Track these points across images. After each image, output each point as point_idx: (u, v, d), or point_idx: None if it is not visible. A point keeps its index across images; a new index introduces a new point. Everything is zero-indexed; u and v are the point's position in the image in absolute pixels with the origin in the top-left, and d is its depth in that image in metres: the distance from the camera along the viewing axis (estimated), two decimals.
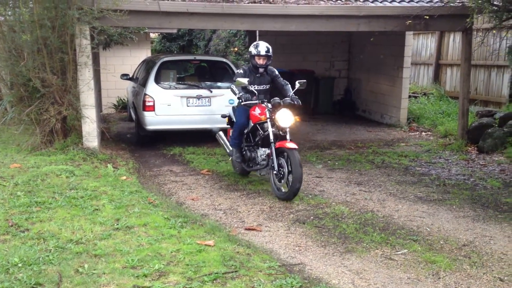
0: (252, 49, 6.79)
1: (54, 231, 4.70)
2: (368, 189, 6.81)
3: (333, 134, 10.66)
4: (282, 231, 5.26)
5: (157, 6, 7.96)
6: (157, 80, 9.26)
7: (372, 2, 9.19)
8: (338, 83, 13.49)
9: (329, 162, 8.26)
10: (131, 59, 14.58)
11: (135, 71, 11.47)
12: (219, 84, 9.52)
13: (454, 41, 12.88)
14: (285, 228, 5.34)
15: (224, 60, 10.26)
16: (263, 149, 6.63)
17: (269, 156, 6.46)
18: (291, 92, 6.69)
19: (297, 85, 6.66)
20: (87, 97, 7.89)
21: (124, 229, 4.81)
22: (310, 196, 6.43)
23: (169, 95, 9.13)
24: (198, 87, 9.33)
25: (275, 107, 6.43)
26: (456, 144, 9.09)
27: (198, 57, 11.54)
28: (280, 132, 6.33)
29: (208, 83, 9.54)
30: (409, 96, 11.77)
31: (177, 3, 8.22)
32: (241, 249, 4.51)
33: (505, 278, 4.24)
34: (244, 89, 6.68)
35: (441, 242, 4.97)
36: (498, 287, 4.10)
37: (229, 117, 7.37)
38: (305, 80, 6.79)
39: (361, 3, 9.09)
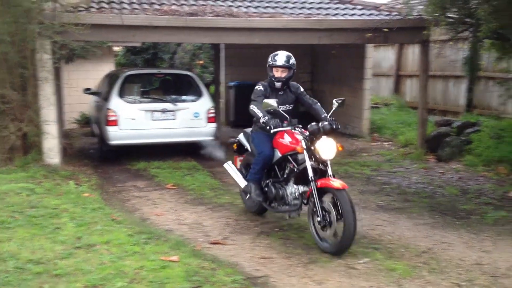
0: (269, 59, 5.57)
1: (13, 251, 4.58)
2: None
3: None
4: (247, 244, 5.27)
5: (120, 20, 7.93)
6: (121, 94, 9.18)
7: (333, 15, 9.40)
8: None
9: None
10: (95, 73, 14.41)
11: (98, 85, 11.35)
12: (184, 97, 9.51)
13: (413, 53, 13.22)
14: (251, 240, 5.36)
15: (189, 73, 10.27)
16: (296, 186, 5.33)
17: (302, 195, 5.27)
18: (325, 114, 5.42)
19: (334, 104, 5.40)
20: (48, 113, 7.76)
21: (85, 248, 4.73)
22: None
23: (133, 109, 9.07)
24: (163, 101, 9.30)
25: (313, 135, 5.12)
26: (416, 153, 9.31)
27: (162, 71, 11.52)
28: (320, 166, 5.10)
29: (173, 96, 9.52)
30: (371, 107, 12.00)
31: (140, 17, 8.21)
32: (205, 264, 4.50)
33: (463, 284, 4.35)
34: (268, 111, 5.36)
35: (402, 250, 5.07)
36: None
37: (238, 144, 6.25)
38: (344, 98, 5.58)
39: (322, 16, 9.28)
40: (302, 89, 5.74)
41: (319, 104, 5.67)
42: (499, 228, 5.73)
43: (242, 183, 6.00)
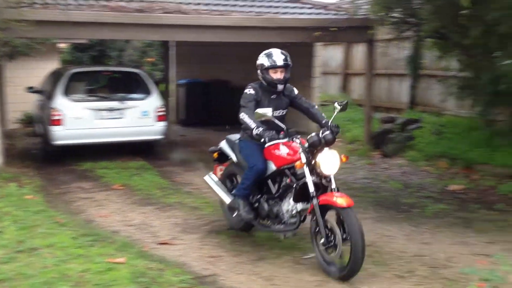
0: (263, 60, 4.93)
1: None
2: None
3: None
4: (196, 243, 5.28)
5: (66, 16, 7.73)
6: (66, 93, 8.96)
7: (283, 14, 9.50)
8: None
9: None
10: (39, 71, 13.92)
11: (42, 83, 11.02)
12: (132, 95, 9.36)
13: (360, 52, 13.52)
14: (199, 240, 5.37)
15: (137, 71, 10.14)
16: (293, 203, 4.74)
17: (300, 213, 4.75)
18: (325, 119, 4.90)
19: (336, 107, 4.83)
20: None
21: (28, 251, 4.60)
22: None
23: (79, 108, 8.86)
24: (110, 99, 9.13)
25: (314, 146, 4.55)
26: (363, 149, 9.56)
27: (109, 68, 11.30)
28: (322, 181, 4.57)
29: (121, 95, 9.35)
30: (320, 105, 12.18)
31: (87, 13, 8.04)
32: (153, 265, 4.48)
33: (405, 275, 4.52)
34: (261, 121, 4.70)
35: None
36: (397, 284, 4.36)
37: (220, 152, 5.57)
38: (347, 101, 5.03)
39: (272, 14, 9.37)
40: (296, 91, 5.10)
41: (317, 107, 5.13)
42: (438, 220, 5.98)
43: (227, 198, 5.33)
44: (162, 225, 5.83)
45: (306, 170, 4.51)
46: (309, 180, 4.49)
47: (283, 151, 4.75)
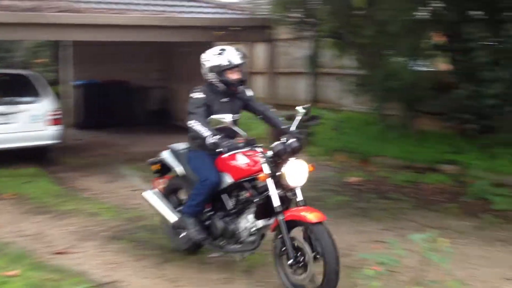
0: (218, 60, 4.40)
1: None
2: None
3: (150, 145, 10.62)
4: (96, 250, 5.13)
5: None
6: None
7: (181, 13, 9.48)
8: (154, 93, 13.51)
9: (146, 174, 8.22)
10: None
11: None
12: (20, 99, 8.83)
13: (262, 51, 13.82)
14: (100, 247, 5.23)
15: (27, 72, 9.62)
16: (253, 220, 4.29)
17: (260, 230, 4.31)
18: (285, 125, 4.49)
19: (299, 112, 4.45)
20: None
21: None
22: (126, 210, 6.37)
23: None
24: None
25: (278, 156, 4.09)
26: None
27: None
28: (286, 194, 4.13)
29: (8, 98, 8.79)
30: None
31: None
32: (50, 276, 4.31)
33: None
34: (212, 127, 4.25)
35: None
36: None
37: (162, 164, 5.02)
38: (309, 105, 4.80)
39: (172, 13, 9.31)
40: (251, 93, 4.66)
41: (273, 110, 4.72)
42: (340, 211, 6.28)
43: (172, 216, 4.82)
44: (59, 234, 5.59)
45: (270, 182, 4.03)
46: (274, 193, 4.02)
47: (242, 161, 4.26)
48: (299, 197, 4.09)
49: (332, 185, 7.52)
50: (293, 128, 4.37)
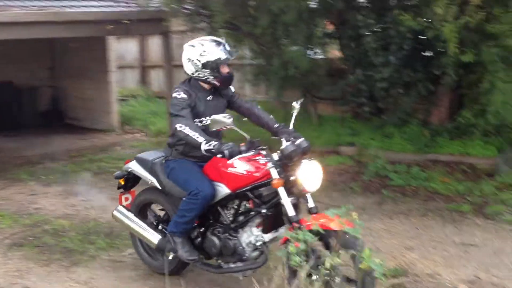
0: (217, 52, 3.88)
1: None
2: (88, 198, 6.80)
3: (43, 147, 10.17)
4: None
5: None
6: None
7: (70, 7, 9.13)
8: (43, 93, 12.88)
9: (42, 177, 7.90)
10: None
11: None
12: None
13: (156, 44, 13.68)
14: (1, 255, 4.98)
15: None
16: (258, 233, 3.80)
17: (266, 244, 3.82)
18: (277, 123, 4.03)
19: (295, 108, 3.96)
20: None
21: None
22: (26, 216, 6.10)
23: None
24: None
25: (289, 158, 3.60)
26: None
27: None
28: (298, 201, 3.71)
29: None
30: (119, 100, 12.06)
31: None
32: None
33: None
34: (213, 129, 3.71)
35: None
36: None
37: (126, 178, 4.56)
38: (303, 99, 4.21)
39: (58, 8, 8.94)
40: (233, 89, 4.20)
41: (260, 107, 4.24)
42: None
43: (154, 237, 4.26)
44: None
45: (281, 189, 3.58)
46: (287, 202, 3.56)
47: (241, 167, 3.72)
48: (311, 203, 3.65)
49: None
50: (291, 126, 3.90)
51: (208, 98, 4.00)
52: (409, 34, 7.02)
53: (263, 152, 3.69)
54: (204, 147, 3.59)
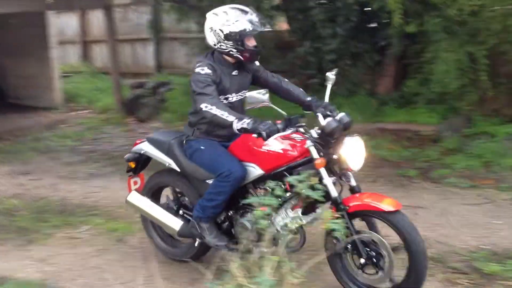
0: (242, 23, 3.50)
1: None
2: (37, 176, 6.68)
3: None
4: None
5: None
6: None
7: None
8: None
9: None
10: None
11: None
12: None
13: (97, 18, 13.33)
14: None
15: None
16: (294, 215, 3.53)
17: (303, 227, 3.59)
18: (308, 96, 3.74)
19: (330, 79, 3.59)
20: None
21: None
22: None
23: None
24: None
25: (330, 135, 3.33)
26: (116, 117, 9.65)
27: None
28: (340, 180, 3.47)
29: None
30: (62, 76, 11.73)
31: None
32: None
33: None
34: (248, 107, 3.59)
35: (120, 211, 5.33)
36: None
37: (138, 160, 4.22)
38: (337, 69, 3.76)
39: None
40: (257, 63, 3.82)
41: (286, 80, 3.87)
42: None
43: (175, 223, 3.98)
44: None
45: (322, 172, 3.35)
46: (329, 182, 3.35)
47: (276, 146, 3.46)
48: (353, 182, 3.44)
49: None
50: (326, 99, 3.58)
51: (233, 73, 3.66)
52: (356, 6, 7.21)
53: (301, 130, 3.46)
54: (237, 126, 3.26)
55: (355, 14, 7.41)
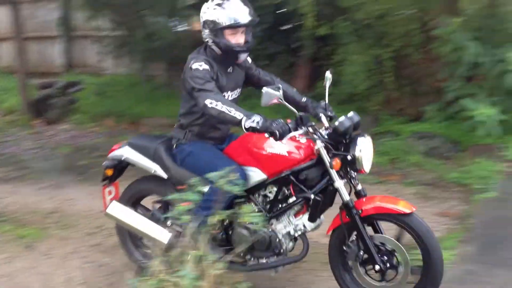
0: (216, 14, 3.27)
1: None
2: None
3: None
4: None
5: None
6: None
7: None
8: None
9: None
10: None
11: None
12: None
13: (3, 14, 12.68)
14: None
15: None
16: (298, 222, 3.36)
17: (304, 235, 3.41)
18: (303, 97, 3.65)
19: (328, 78, 3.51)
20: None
21: None
22: None
23: None
24: None
25: (343, 135, 3.20)
26: (22, 119, 9.24)
27: None
28: (351, 183, 3.29)
29: None
30: None
31: None
32: None
33: (94, 231, 4.84)
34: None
35: (29, 216, 5.18)
36: (87, 241, 4.65)
37: (114, 168, 3.89)
38: (330, 68, 3.72)
39: None
40: (250, 60, 3.63)
41: (279, 79, 3.73)
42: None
43: (164, 236, 3.54)
44: None
45: (333, 174, 3.18)
46: (341, 184, 3.19)
47: (280, 148, 3.27)
48: (359, 185, 3.30)
49: (103, 151, 7.55)
50: (326, 99, 3.52)
51: (228, 70, 3.46)
52: (270, 8, 7.40)
53: (311, 130, 3.22)
54: (246, 124, 3.02)
55: (270, 16, 7.60)
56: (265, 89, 3.13)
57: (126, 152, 3.77)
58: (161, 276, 2.71)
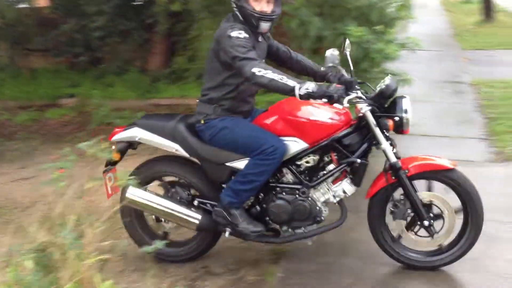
0: None
1: None
2: None
3: None
4: None
5: None
6: None
7: None
8: None
9: None
10: None
11: None
12: None
13: None
14: None
15: None
16: (337, 188, 3.40)
17: (343, 200, 3.45)
18: (319, 67, 3.60)
19: (347, 47, 3.49)
20: None
21: None
22: None
23: None
24: None
25: (386, 98, 3.29)
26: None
27: None
28: (393, 144, 3.36)
29: None
30: None
31: None
32: None
33: None
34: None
35: None
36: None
37: (123, 152, 3.66)
38: (344, 37, 3.69)
39: None
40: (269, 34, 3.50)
41: (294, 52, 3.64)
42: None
43: (194, 216, 3.49)
44: None
45: (378, 132, 3.23)
46: (387, 146, 3.27)
47: (322, 115, 3.30)
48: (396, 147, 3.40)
49: None
50: (351, 67, 3.50)
51: (259, 39, 3.36)
52: None
53: (359, 93, 3.28)
54: (301, 91, 2.97)
55: None
56: (329, 52, 3.39)
57: (139, 133, 3.58)
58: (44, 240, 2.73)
